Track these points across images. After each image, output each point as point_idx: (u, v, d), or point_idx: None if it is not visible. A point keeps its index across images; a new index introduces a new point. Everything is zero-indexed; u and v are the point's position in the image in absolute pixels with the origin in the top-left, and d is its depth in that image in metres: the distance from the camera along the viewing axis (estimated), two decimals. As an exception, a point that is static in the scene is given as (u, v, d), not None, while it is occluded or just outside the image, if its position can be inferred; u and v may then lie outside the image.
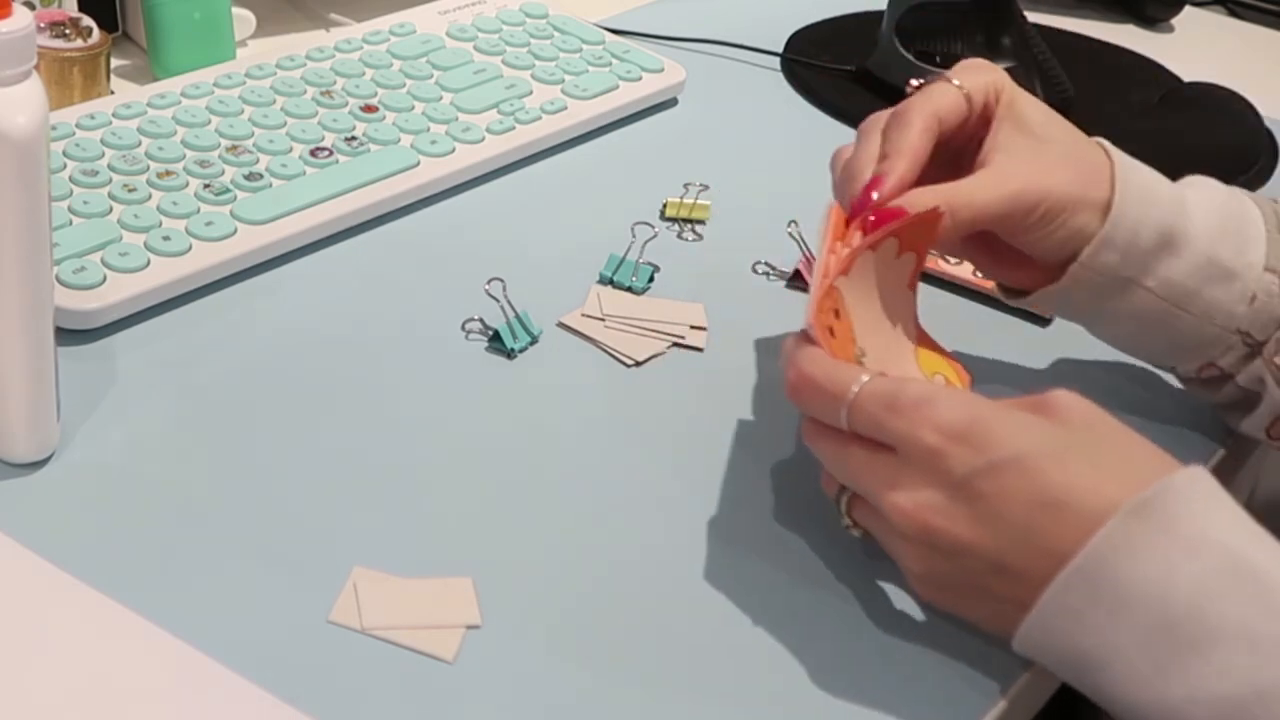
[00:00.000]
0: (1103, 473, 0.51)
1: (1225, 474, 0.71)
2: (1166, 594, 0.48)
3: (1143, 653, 0.49)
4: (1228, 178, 0.92)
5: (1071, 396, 0.54)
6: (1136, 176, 0.64)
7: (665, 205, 0.83)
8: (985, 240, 0.65)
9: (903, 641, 0.56)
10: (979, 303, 0.77)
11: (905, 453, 0.53)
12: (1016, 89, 0.65)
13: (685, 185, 0.85)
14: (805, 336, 0.57)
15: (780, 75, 1.02)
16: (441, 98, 0.87)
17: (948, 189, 0.61)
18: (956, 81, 0.63)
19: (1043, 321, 0.76)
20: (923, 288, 0.64)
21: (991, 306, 0.76)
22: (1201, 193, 0.66)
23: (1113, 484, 0.50)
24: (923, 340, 0.63)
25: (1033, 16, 1.01)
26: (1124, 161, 0.64)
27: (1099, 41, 1.14)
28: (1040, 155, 0.63)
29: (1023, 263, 0.65)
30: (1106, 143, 0.65)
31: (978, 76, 0.64)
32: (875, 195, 0.60)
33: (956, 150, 0.64)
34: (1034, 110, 0.64)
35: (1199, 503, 0.50)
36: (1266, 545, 0.50)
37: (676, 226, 0.82)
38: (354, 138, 0.81)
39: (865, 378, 0.54)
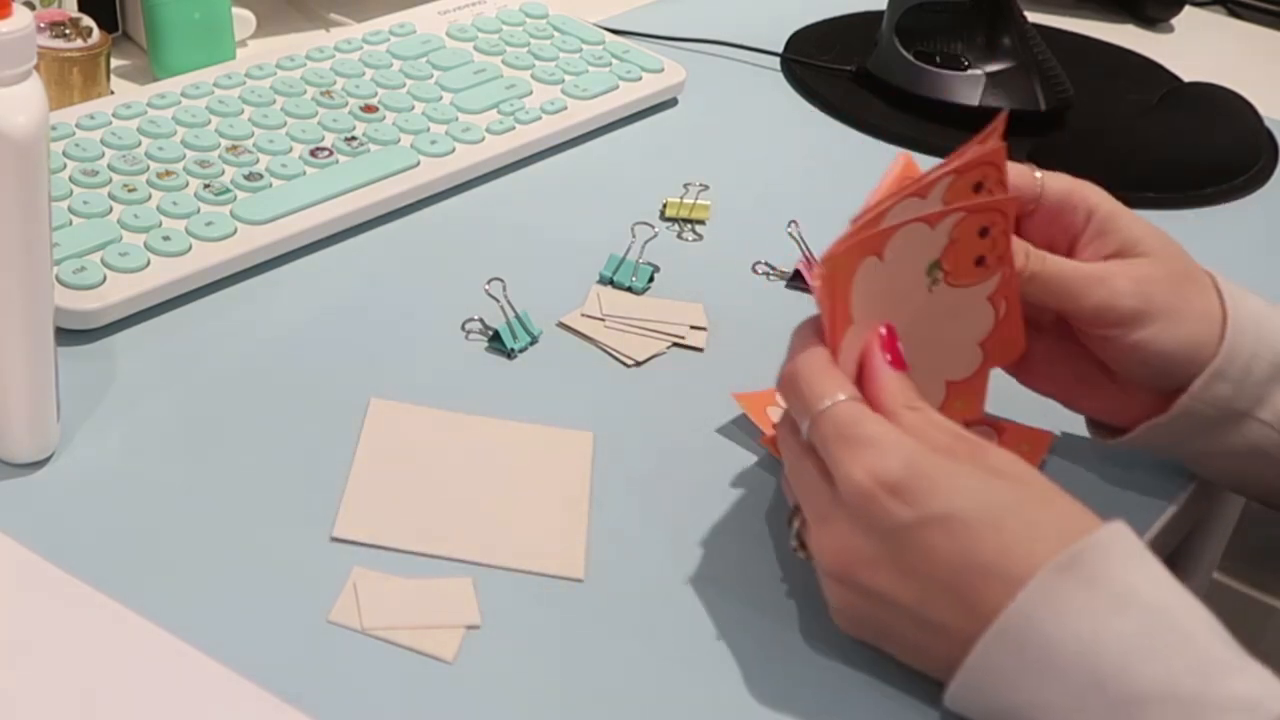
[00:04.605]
0: (1035, 536, 0.49)
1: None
2: (1095, 652, 0.47)
3: (1074, 712, 0.47)
4: (1228, 178, 0.93)
5: (1003, 453, 0.52)
6: (1247, 304, 0.61)
7: (665, 205, 0.83)
8: (1076, 367, 0.62)
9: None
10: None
11: (841, 489, 0.51)
12: (1117, 205, 0.62)
13: (685, 185, 0.85)
14: (816, 326, 0.55)
15: (780, 75, 1.02)
16: (441, 98, 0.87)
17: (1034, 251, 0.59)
18: (1038, 174, 0.61)
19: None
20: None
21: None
22: None
23: (1043, 547, 0.49)
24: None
25: (1033, 16, 1.01)
26: (1232, 287, 0.61)
27: (1099, 41, 1.14)
28: (1139, 264, 0.60)
29: (1118, 392, 0.62)
30: (1212, 272, 0.62)
31: (1063, 181, 0.61)
32: None
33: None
34: (1135, 224, 0.61)
35: (1123, 559, 0.49)
36: (1187, 601, 0.49)
37: (676, 226, 0.82)
38: (354, 138, 0.81)
39: (842, 396, 0.52)
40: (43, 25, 0.82)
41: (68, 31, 0.83)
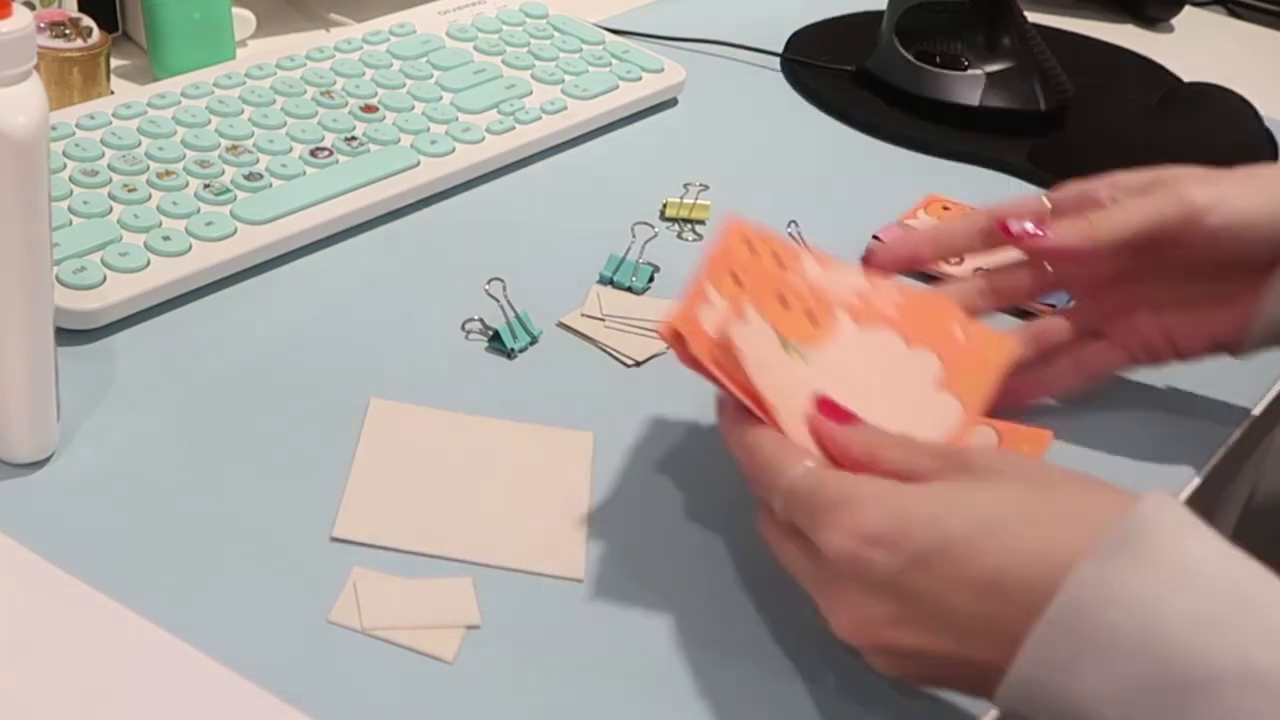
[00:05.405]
0: (1042, 533, 0.46)
1: (1225, 474, 0.71)
2: (1157, 635, 0.43)
3: (1140, 699, 0.43)
4: (1228, 178, 0.93)
5: (989, 452, 0.50)
6: None
7: (665, 205, 0.83)
8: (1179, 293, 0.63)
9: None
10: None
11: (829, 558, 0.49)
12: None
13: (685, 185, 0.85)
14: (742, 410, 0.54)
15: (780, 75, 1.02)
16: (441, 98, 0.87)
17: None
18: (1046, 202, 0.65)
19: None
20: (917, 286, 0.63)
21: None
22: None
23: (1059, 541, 0.46)
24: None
25: (1033, 16, 1.01)
26: None
27: (1099, 41, 1.14)
28: (1183, 170, 0.63)
29: (1224, 298, 0.63)
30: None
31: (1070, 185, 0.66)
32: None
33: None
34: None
35: (1176, 531, 0.45)
36: (1250, 568, 0.45)
37: (676, 226, 0.82)
38: (354, 138, 0.81)
39: (809, 464, 0.51)
40: (43, 25, 0.82)
41: (68, 31, 0.83)
